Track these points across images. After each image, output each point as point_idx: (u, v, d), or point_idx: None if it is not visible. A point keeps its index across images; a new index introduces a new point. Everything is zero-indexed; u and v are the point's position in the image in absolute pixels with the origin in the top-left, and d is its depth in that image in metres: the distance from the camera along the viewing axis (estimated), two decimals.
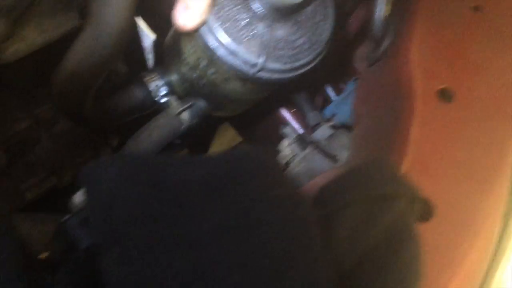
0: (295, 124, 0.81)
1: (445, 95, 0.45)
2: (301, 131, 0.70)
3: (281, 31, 0.59)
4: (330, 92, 0.80)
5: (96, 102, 0.77)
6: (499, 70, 0.47)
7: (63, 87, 0.63)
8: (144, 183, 0.24)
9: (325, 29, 0.61)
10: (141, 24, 1.05)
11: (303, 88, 0.79)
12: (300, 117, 0.78)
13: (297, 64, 0.59)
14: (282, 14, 0.58)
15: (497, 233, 0.43)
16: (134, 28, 0.97)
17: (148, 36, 1.13)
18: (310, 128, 0.75)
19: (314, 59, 0.61)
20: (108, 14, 0.55)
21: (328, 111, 0.74)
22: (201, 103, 0.76)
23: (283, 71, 0.59)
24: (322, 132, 0.63)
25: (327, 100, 0.80)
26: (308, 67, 0.60)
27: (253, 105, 0.84)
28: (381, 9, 0.50)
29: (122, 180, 0.24)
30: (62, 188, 0.79)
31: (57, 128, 0.79)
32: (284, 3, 0.56)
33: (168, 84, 0.77)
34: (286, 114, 0.83)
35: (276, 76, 0.59)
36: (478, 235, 0.41)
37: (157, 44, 0.82)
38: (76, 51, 0.58)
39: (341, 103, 0.69)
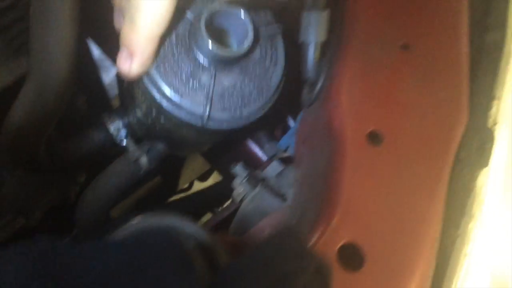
0: (260, 154, 0.81)
1: (374, 138, 0.45)
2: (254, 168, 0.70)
3: (227, 80, 0.58)
4: (290, 121, 0.80)
5: (53, 146, 0.76)
6: (426, 109, 0.48)
7: (11, 138, 0.62)
8: (41, 278, 0.24)
9: (275, 74, 0.60)
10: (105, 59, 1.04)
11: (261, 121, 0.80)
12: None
13: (247, 112, 0.58)
14: (227, 63, 0.58)
15: (431, 274, 0.43)
16: (93, 66, 0.97)
17: (108, 72, 1.13)
18: (268, 160, 0.75)
19: (264, 105, 0.60)
20: (48, 68, 0.54)
21: (283, 142, 0.74)
22: (159, 146, 0.76)
23: (233, 120, 0.59)
24: (273, 169, 0.63)
25: (286, 130, 0.81)
26: (260, 114, 0.60)
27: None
28: (312, 53, 0.50)
29: (20, 276, 0.24)
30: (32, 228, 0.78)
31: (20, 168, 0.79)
32: (226, 54, 0.56)
33: (128, 127, 0.77)
34: (251, 144, 0.83)
35: (225, 125, 0.59)
36: (412, 279, 0.41)
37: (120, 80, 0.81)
38: (21, 103, 0.57)
39: (294, 134, 0.69)
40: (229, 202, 0.77)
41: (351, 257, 0.40)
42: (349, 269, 0.39)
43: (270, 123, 0.80)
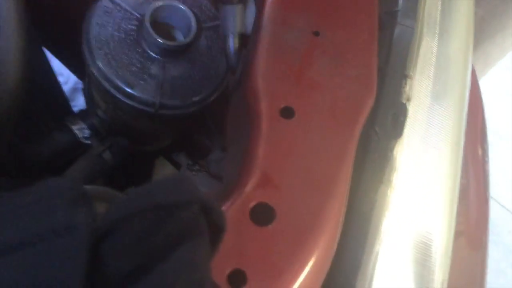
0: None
1: (286, 113, 0.51)
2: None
3: (176, 69, 0.64)
4: None
5: (18, 151, 0.81)
6: (336, 85, 0.54)
7: None
8: None
9: (222, 62, 0.67)
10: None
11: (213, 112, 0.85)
12: None
13: (197, 97, 0.65)
14: (174, 54, 0.64)
15: (339, 230, 0.48)
16: (51, 74, 1.02)
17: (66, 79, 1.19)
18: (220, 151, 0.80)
19: (214, 90, 0.66)
20: None
21: None
22: (122, 141, 0.81)
23: (185, 106, 0.64)
24: (214, 156, 0.68)
25: None
26: (210, 99, 0.66)
27: (177, 136, 0.90)
28: (231, 44, 0.56)
29: None
30: None
31: None
32: (172, 46, 0.62)
33: (91, 126, 0.82)
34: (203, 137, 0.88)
35: (178, 111, 0.64)
36: (319, 232, 0.46)
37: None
38: None
39: None
40: None
41: (263, 215, 0.45)
42: (259, 224, 0.44)
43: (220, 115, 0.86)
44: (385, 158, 0.57)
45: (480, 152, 1.06)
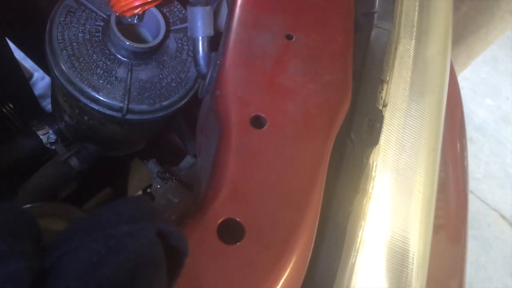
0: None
1: (257, 122, 0.48)
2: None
3: (144, 73, 0.61)
4: None
5: None
6: (310, 92, 0.51)
7: None
8: None
9: (194, 65, 0.63)
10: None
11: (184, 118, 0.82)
12: None
13: (167, 102, 0.61)
14: (142, 57, 0.61)
15: (311, 244, 0.46)
16: (19, 75, 0.98)
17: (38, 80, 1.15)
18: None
19: (185, 95, 0.63)
20: None
21: None
22: (90, 147, 0.78)
23: (153, 111, 0.61)
24: (185, 163, 0.65)
25: None
26: (180, 104, 0.63)
27: (148, 141, 0.87)
28: (200, 47, 0.53)
29: None
30: None
31: None
32: (139, 48, 0.59)
33: (57, 131, 0.79)
34: (177, 141, 0.86)
35: (147, 116, 0.61)
36: (290, 249, 0.44)
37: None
38: None
39: None
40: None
41: (232, 232, 0.42)
42: (227, 243, 0.41)
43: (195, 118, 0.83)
44: (361, 166, 0.55)
45: (458, 147, 1.06)
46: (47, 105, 1.44)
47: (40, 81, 1.68)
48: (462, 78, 2.02)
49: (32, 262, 0.26)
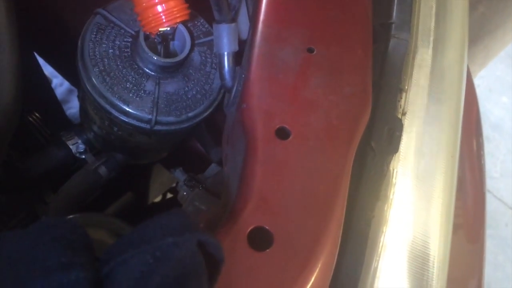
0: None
1: (282, 133, 0.51)
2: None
3: (171, 86, 0.64)
4: None
5: (13, 166, 0.81)
6: (331, 104, 0.53)
7: None
8: None
9: (217, 78, 0.66)
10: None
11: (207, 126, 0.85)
12: None
13: (192, 113, 0.64)
14: (169, 71, 0.64)
15: (336, 252, 0.48)
16: (46, 85, 1.02)
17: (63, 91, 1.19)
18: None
19: (209, 106, 0.66)
20: None
21: None
22: (117, 156, 0.81)
23: (180, 122, 0.64)
24: (211, 171, 0.68)
25: None
26: (205, 114, 0.66)
27: (172, 150, 0.90)
28: (225, 62, 0.56)
29: None
30: None
31: None
32: (166, 62, 0.62)
33: (86, 141, 0.82)
34: (200, 150, 0.88)
35: (174, 127, 0.64)
36: (316, 256, 0.46)
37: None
38: None
39: None
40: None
41: (261, 239, 0.45)
42: (257, 250, 0.44)
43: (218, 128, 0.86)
44: (382, 173, 0.57)
45: (475, 146, 1.07)
46: (67, 110, 1.48)
47: (59, 87, 1.73)
48: (478, 76, 2.02)
49: (90, 272, 0.28)
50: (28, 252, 0.29)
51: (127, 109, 0.62)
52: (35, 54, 0.91)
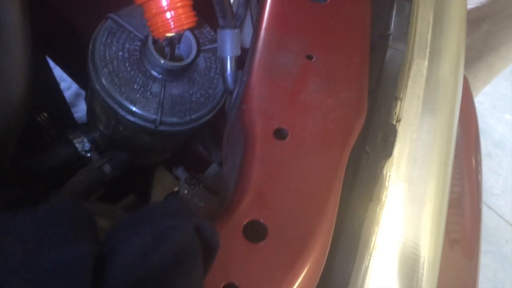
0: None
1: (279, 134, 0.53)
2: None
3: (176, 88, 0.67)
4: None
5: (20, 163, 0.84)
6: (328, 108, 0.56)
7: None
8: None
9: (220, 82, 0.69)
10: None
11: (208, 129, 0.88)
12: None
13: (196, 115, 0.67)
14: (175, 74, 0.67)
15: (328, 246, 0.50)
16: (54, 84, 1.05)
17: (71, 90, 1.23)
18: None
19: (212, 109, 0.69)
20: (4, 90, 0.61)
21: None
22: (122, 155, 0.84)
23: (183, 123, 0.67)
24: (211, 170, 0.70)
25: None
26: (208, 117, 0.69)
27: (175, 151, 0.92)
28: (228, 66, 0.59)
29: None
30: None
31: None
32: (172, 66, 0.65)
33: (91, 140, 0.85)
34: (202, 152, 0.91)
35: (177, 128, 0.67)
36: (309, 250, 0.48)
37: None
38: None
39: None
40: None
41: (256, 232, 0.47)
42: (252, 241, 0.46)
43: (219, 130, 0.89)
44: (375, 176, 0.60)
45: (474, 163, 1.09)
46: (74, 113, 1.51)
47: (66, 90, 1.77)
48: (481, 93, 2.03)
49: (95, 247, 0.31)
50: (37, 229, 0.32)
51: (134, 109, 0.65)
52: (47, 58, 0.95)
